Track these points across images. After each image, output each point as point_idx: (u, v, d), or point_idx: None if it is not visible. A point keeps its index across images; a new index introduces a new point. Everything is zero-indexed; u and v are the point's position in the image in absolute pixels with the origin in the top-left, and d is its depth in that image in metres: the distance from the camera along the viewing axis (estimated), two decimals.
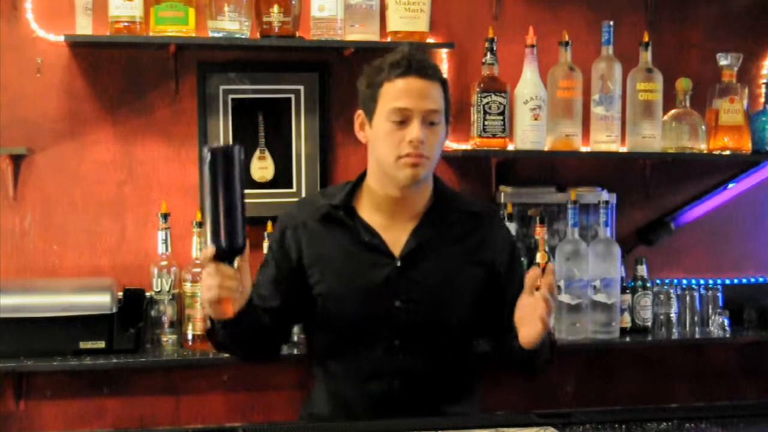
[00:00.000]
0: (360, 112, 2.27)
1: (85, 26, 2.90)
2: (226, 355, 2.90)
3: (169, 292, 2.95)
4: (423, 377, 2.25)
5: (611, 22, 3.14)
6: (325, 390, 2.31)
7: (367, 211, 2.28)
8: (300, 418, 2.41)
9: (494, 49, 3.08)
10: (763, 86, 3.33)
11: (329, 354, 2.29)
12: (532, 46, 3.10)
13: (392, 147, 2.17)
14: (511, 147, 3.11)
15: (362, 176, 2.32)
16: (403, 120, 2.16)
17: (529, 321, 2.08)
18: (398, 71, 2.17)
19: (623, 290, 3.13)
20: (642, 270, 3.20)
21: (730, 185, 3.42)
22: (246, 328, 2.13)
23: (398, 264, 2.23)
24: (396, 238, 2.25)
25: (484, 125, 3.04)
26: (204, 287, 2.00)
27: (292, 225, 2.30)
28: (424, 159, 2.17)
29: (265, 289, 2.27)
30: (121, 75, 3.05)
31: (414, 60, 2.19)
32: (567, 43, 3.10)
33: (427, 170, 2.21)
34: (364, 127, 2.27)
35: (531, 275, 2.09)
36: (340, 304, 2.23)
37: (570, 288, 3.04)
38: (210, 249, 1.94)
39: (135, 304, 2.90)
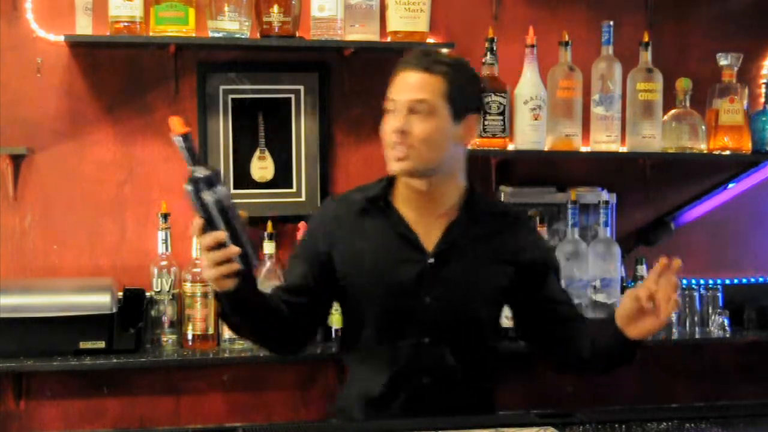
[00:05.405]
0: None
1: (85, 26, 2.90)
2: (227, 354, 2.93)
3: (169, 292, 2.95)
4: (452, 375, 2.25)
5: (611, 22, 3.14)
6: (356, 386, 2.31)
7: (400, 205, 2.29)
8: (329, 411, 2.40)
9: (494, 49, 3.08)
10: (763, 86, 3.33)
11: (359, 349, 2.29)
12: (532, 46, 3.10)
13: (385, 136, 2.22)
14: (511, 147, 3.11)
15: None
16: (392, 110, 2.20)
17: (655, 313, 2.06)
18: (400, 67, 2.22)
19: (623, 290, 3.13)
20: (642, 270, 3.20)
21: (730, 185, 3.41)
22: (257, 312, 2.14)
23: (430, 261, 2.23)
24: (426, 233, 2.26)
25: (484, 125, 3.04)
26: (203, 265, 2.02)
27: (325, 219, 2.31)
28: (409, 149, 2.16)
29: (292, 281, 2.27)
30: (121, 75, 3.05)
31: (416, 55, 2.23)
32: (567, 43, 3.10)
33: (416, 162, 2.18)
34: None
35: (659, 267, 2.06)
36: (370, 298, 2.23)
37: (570, 288, 3.03)
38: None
39: (135, 304, 2.90)
